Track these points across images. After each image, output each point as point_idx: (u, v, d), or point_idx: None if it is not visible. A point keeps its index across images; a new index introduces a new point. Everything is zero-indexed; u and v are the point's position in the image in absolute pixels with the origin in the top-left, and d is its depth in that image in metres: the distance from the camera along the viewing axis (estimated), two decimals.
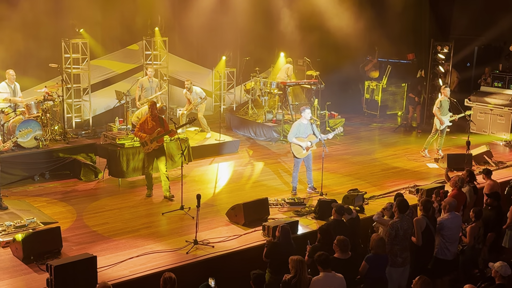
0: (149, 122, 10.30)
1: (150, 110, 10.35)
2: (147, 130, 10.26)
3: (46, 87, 12.25)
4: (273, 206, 9.97)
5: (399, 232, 7.48)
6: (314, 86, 15.70)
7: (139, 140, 10.48)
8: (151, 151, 10.31)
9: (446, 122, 13.23)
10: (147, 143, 10.25)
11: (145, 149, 10.34)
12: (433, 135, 13.42)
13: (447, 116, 13.22)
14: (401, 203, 7.70)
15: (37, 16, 13.36)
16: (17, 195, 10.40)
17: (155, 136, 10.22)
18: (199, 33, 16.55)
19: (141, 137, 10.29)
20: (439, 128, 13.24)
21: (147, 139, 10.22)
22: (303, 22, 17.01)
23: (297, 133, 10.47)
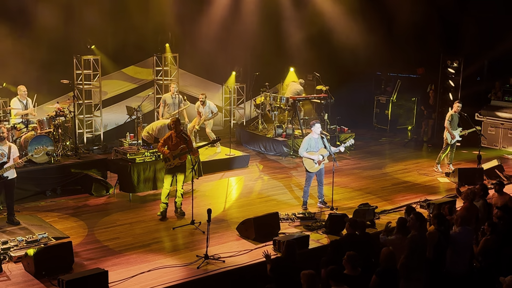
0: (173, 138, 10.19)
1: (174, 127, 10.22)
2: (170, 146, 10.16)
3: (58, 103, 12.37)
4: (283, 220, 9.96)
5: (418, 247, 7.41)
6: (324, 101, 15.72)
7: (162, 155, 10.36)
8: (173, 167, 10.23)
9: (456, 137, 13.20)
10: (169, 159, 10.16)
11: (167, 164, 10.21)
12: (444, 149, 13.40)
13: (457, 130, 13.21)
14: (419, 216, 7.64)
15: (49, 32, 13.52)
16: (29, 210, 10.46)
17: (178, 152, 10.14)
18: (209, 48, 16.66)
19: (163, 152, 10.18)
20: (450, 142, 13.21)
21: (169, 155, 10.13)
22: (312, 37, 17.09)
23: (308, 147, 10.49)
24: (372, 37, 16.64)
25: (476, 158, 13.09)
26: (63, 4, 13.74)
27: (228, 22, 16.84)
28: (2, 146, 9.31)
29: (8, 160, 9.30)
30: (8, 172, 9.28)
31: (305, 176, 10.82)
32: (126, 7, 14.88)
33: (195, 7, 16.35)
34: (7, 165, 9.25)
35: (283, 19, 17.42)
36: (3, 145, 9.32)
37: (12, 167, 9.31)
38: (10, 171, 9.32)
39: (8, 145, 9.38)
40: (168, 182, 10.27)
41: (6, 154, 9.28)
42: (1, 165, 9.21)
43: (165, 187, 10.29)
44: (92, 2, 13.96)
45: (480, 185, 9.74)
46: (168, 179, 10.28)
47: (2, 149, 9.28)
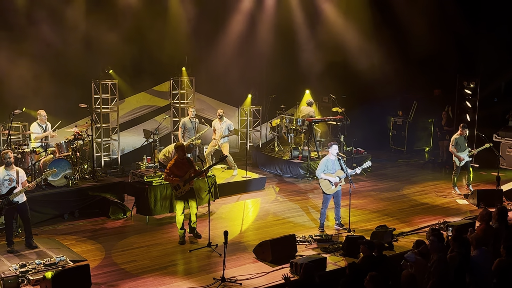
0: (179, 164, 10.13)
1: (178, 152, 10.20)
2: (178, 173, 10.06)
3: (76, 127, 12.51)
4: (300, 243, 9.91)
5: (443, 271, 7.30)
6: (340, 123, 15.71)
7: (171, 185, 10.24)
8: (184, 194, 10.15)
9: (466, 158, 13.11)
10: (180, 186, 10.07)
11: (178, 192, 10.08)
12: (455, 172, 13.32)
13: (465, 152, 13.14)
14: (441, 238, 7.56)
15: (68, 57, 13.75)
16: (47, 233, 10.53)
17: (187, 178, 10.08)
18: (225, 71, 16.79)
19: (173, 181, 10.05)
20: (459, 165, 13.16)
21: (180, 183, 10.06)
22: (328, 59, 17.14)
23: (325, 169, 10.47)
24: (388, 59, 16.66)
25: (495, 179, 12.97)
26: (82, 29, 13.98)
27: (243, 45, 17.00)
28: (10, 171, 9.35)
29: (18, 185, 9.36)
30: (17, 197, 9.34)
31: (322, 198, 10.78)
32: (143, 32, 15.10)
33: (211, 31, 16.53)
34: (17, 190, 9.31)
35: (298, 41, 17.54)
36: (11, 170, 9.37)
37: (21, 192, 9.37)
38: (20, 195, 9.38)
39: (15, 170, 9.43)
40: (180, 209, 10.15)
41: (15, 179, 9.34)
42: (11, 191, 9.28)
43: (178, 214, 10.16)
44: (110, 27, 14.16)
45: (498, 208, 9.60)
46: (181, 206, 10.16)
47: (10, 174, 9.33)
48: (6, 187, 9.27)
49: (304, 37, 17.51)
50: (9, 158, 9.37)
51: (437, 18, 16.54)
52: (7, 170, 9.33)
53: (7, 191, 9.26)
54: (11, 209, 9.37)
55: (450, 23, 16.78)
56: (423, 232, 10.51)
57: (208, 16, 16.53)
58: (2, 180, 9.26)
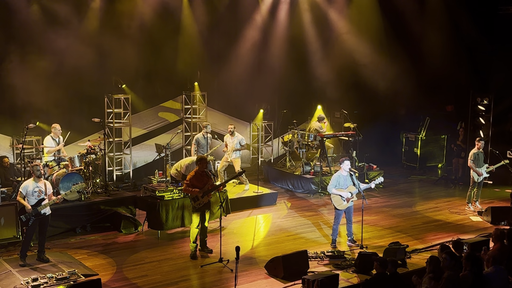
0: (199, 176, 10.15)
1: (200, 164, 10.21)
2: (197, 185, 10.06)
3: (89, 141, 12.58)
4: (312, 259, 9.85)
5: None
6: (352, 138, 15.67)
7: (190, 196, 10.21)
8: (202, 206, 10.15)
9: (484, 174, 13.01)
10: (198, 198, 10.06)
11: (196, 204, 10.07)
12: (472, 188, 13.20)
13: (484, 167, 13.04)
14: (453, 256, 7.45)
15: (82, 72, 13.85)
16: (59, 247, 10.55)
17: (206, 190, 10.08)
18: (237, 86, 16.85)
19: (193, 192, 10.04)
20: (477, 180, 13.07)
21: (199, 194, 10.05)
22: (340, 74, 17.16)
23: (337, 184, 10.43)
24: (401, 74, 16.63)
25: (509, 196, 12.83)
26: (95, 44, 14.10)
27: (255, 60, 17.05)
28: (39, 183, 9.49)
29: (46, 197, 9.48)
30: (45, 209, 9.46)
31: (333, 213, 10.72)
32: (156, 47, 15.23)
33: (223, 46, 16.63)
34: (45, 202, 9.43)
35: (311, 57, 17.56)
36: (39, 182, 9.51)
37: (49, 204, 9.47)
38: (47, 208, 9.50)
39: (43, 182, 9.58)
40: (196, 222, 10.13)
41: (44, 191, 9.45)
42: (39, 202, 9.37)
43: (194, 227, 10.15)
44: (123, 42, 14.29)
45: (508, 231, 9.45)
46: (197, 219, 10.15)
47: (39, 187, 9.46)
48: (35, 199, 9.39)
49: (316, 52, 17.54)
50: (38, 170, 9.52)
51: (451, 34, 16.51)
52: (36, 182, 9.45)
53: (36, 203, 9.37)
54: (37, 221, 9.45)
55: (464, 39, 16.75)
56: (436, 249, 10.38)
57: (221, 31, 16.66)
58: (32, 192, 9.38)
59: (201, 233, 10.30)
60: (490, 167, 13.14)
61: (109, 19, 14.39)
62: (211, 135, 14.00)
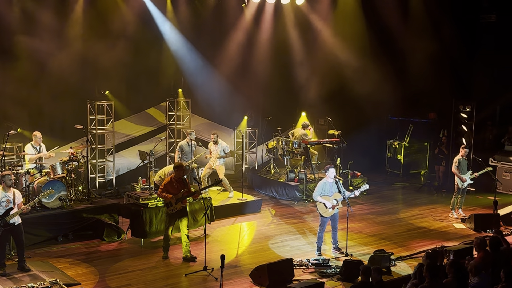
0: (174, 183, 10.23)
1: (177, 172, 10.29)
2: (172, 191, 10.16)
3: (71, 148, 12.42)
4: (297, 267, 9.81)
5: None
6: (336, 145, 15.69)
7: (163, 201, 10.37)
8: (175, 212, 10.21)
9: (468, 180, 13.10)
10: (171, 204, 10.14)
11: (169, 209, 10.18)
12: (456, 194, 13.28)
13: (467, 174, 13.14)
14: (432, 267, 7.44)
15: (64, 78, 13.70)
16: (40, 256, 10.38)
17: (180, 196, 10.14)
18: (221, 93, 16.81)
19: (166, 197, 10.16)
20: (461, 186, 13.15)
21: (172, 200, 10.13)
22: (324, 81, 17.21)
23: (323, 191, 10.42)
24: (384, 82, 16.73)
25: (491, 203, 12.94)
26: (77, 50, 13.97)
27: (240, 67, 17.03)
28: (7, 193, 9.28)
29: (14, 206, 9.26)
30: (14, 218, 9.25)
31: (318, 221, 10.69)
32: (139, 53, 15.12)
33: (208, 52, 16.56)
34: (13, 211, 9.21)
35: (295, 64, 17.59)
36: (8, 191, 9.31)
37: (18, 213, 9.28)
38: (16, 217, 9.30)
39: (12, 191, 9.37)
40: (170, 229, 10.31)
41: (12, 200, 9.26)
42: (7, 212, 9.17)
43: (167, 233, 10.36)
44: (106, 48, 14.18)
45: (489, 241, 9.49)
46: (171, 224, 10.30)
47: (7, 196, 9.26)
48: (3, 208, 9.18)
49: (300, 60, 17.58)
50: (10, 179, 9.33)
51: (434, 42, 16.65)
52: (4, 192, 9.25)
53: (4, 213, 9.15)
54: (7, 231, 9.26)
55: (447, 47, 16.90)
56: (420, 256, 10.40)
57: (205, 38, 16.59)
58: (0, 202, 9.16)
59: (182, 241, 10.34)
60: (474, 174, 13.24)
61: (92, 24, 14.28)
62: (195, 142, 13.92)
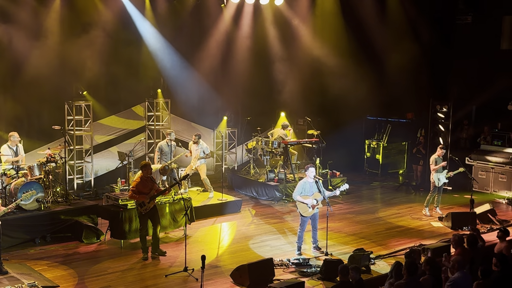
0: (144, 182, 10.32)
1: (144, 170, 10.38)
2: (144, 190, 10.25)
3: (49, 149, 12.28)
4: (278, 266, 9.83)
5: None
6: (316, 145, 15.77)
7: (136, 202, 10.35)
8: (148, 211, 10.29)
9: (442, 179, 13.28)
10: (144, 204, 10.21)
11: (142, 209, 10.24)
12: (432, 192, 13.45)
13: (443, 173, 13.31)
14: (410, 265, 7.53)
15: (41, 78, 13.54)
16: (18, 258, 10.23)
17: (152, 194, 10.28)
18: (201, 94, 16.80)
19: (139, 198, 10.21)
20: (437, 185, 13.30)
21: (146, 199, 10.19)
22: (304, 82, 17.30)
23: (303, 191, 10.46)
24: (363, 82, 16.88)
25: (468, 202, 13.13)
26: (55, 50, 13.82)
27: (219, 68, 17.05)
28: None
29: None
30: None
31: (298, 220, 10.74)
32: (118, 53, 15.00)
33: (187, 53, 16.52)
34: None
35: (274, 64, 17.64)
36: None
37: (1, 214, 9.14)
38: None
39: None
40: (144, 227, 10.40)
41: None
42: None
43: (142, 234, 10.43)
44: (84, 48, 14.07)
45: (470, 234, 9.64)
46: (145, 224, 10.39)
47: None
48: None
49: (280, 60, 17.64)
50: None
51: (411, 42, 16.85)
52: None
53: None
54: None
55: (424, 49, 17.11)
56: (400, 255, 10.53)
57: (184, 38, 16.56)
58: None
59: (153, 237, 10.46)
60: (449, 173, 13.43)
61: (70, 24, 14.16)
62: (175, 142, 13.87)
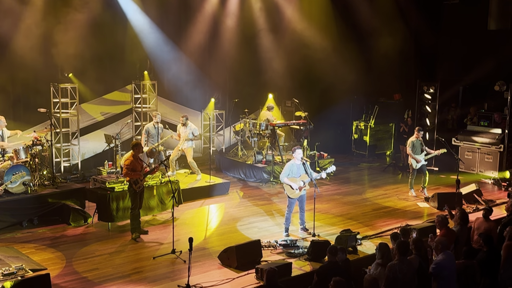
0: (136, 161, 10.45)
1: (136, 150, 10.49)
2: (138, 169, 10.41)
3: (35, 132, 12.19)
4: (265, 248, 9.88)
5: (397, 275, 7.34)
6: (303, 127, 15.79)
7: (131, 180, 10.35)
8: (141, 189, 10.51)
9: (422, 161, 13.38)
10: (138, 181, 10.36)
11: (137, 187, 10.35)
12: (412, 175, 13.58)
13: (422, 155, 13.41)
14: (402, 245, 7.61)
15: (25, 60, 13.36)
16: (5, 241, 10.20)
17: (145, 172, 10.53)
18: (188, 75, 16.69)
19: (134, 176, 10.32)
20: (415, 167, 13.42)
21: (140, 177, 10.36)
22: (291, 63, 17.25)
23: (290, 173, 10.48)
24: (350, 64, 16.86)
25: (454, 182, 13.25)
26: (39, 31, 13.63)
27: (206, 49, 16.94)
28: None
29: None
30: None
31: (286, 202, 10.78)
32: (103, 35, 14.82)
33: (173, 35, 16.37)
34: None
35: (262, 46, 17.56)
36: None
37: None
38: None
39: None
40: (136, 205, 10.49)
41: None
42: None
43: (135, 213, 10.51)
44: (69, 29, 13.88)
45: (459, 211, 9.76)
46: (137, 203, 10.50)
47: None
48: None
49: (267, 42, 17.55)
50: None
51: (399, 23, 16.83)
52: None
53: None
54: None
55: (411, 29, 17.11)
56: (386, 235, 10.63)
57: (171, 19, 16.41)
58: None
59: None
60: (429, 154, 13.52)
61: (54, 4, 13.91)
62: (162, 125, 13.81)
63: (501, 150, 15.55)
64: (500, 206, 12.59)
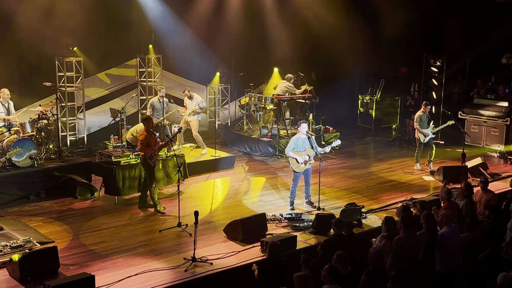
0: (150, 135, 10.43)
1: (147, 124, 10.44)
2: (152, 143, 10.42)
3: (40, 106, 12.21)
4: (270, 221, 9.94)
5: (404, 248, 7.37)
6: (309, 101, 15.74)
7: (145, 155, 10.34)
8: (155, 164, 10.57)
9: (430, 135, 13.35)
10: (153, 156, 10.39)
11: (151, 161, 10.39)
12: (419, 149, 13.56)
13: (429, 128, 13.37)
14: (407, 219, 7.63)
15: (31, 34, 13.32)
16: (13, 215, 10.31)
17: (159, 146, 10.55)
18: (193, 49, 16.60)
19: (149, 151, 10.33)
20: (423, 141, 13.40)
21: (154, 151, 10.40)
22: (297, 37, 17.12)
23: (295, 147, 10.49)
24: (356, 37, 16.71)
25: (460, 156, 13.23)
26: (44, 5, 13.55)
27: (212, 23, 16.79)
28: None
29: None
30: None
31: (291, 176, 10.81)
32: (109, 8, 14.75)
33: (178, 8, 16.24)
34: None
35: (267, 19, 17.40)
36: None
37: None
38: None
39: None
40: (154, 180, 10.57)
41: None
42: None
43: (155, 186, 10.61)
44: (74, 3, 13.80)
45: (465, 185, 9.77)
46: (153, 177, 10.59)
47: None
48: None
49: (272, 15, 17.39)
50: None
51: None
52: None
53: None
54: None
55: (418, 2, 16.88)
56: (391, 209, 10.68)
57: None
58: None
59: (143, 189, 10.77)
60: (434, 128, 13.48)
61: None
62: (167, 99, 13.80)
63: (508, 123, 15.48)
64: (506, 179, 12.61)
